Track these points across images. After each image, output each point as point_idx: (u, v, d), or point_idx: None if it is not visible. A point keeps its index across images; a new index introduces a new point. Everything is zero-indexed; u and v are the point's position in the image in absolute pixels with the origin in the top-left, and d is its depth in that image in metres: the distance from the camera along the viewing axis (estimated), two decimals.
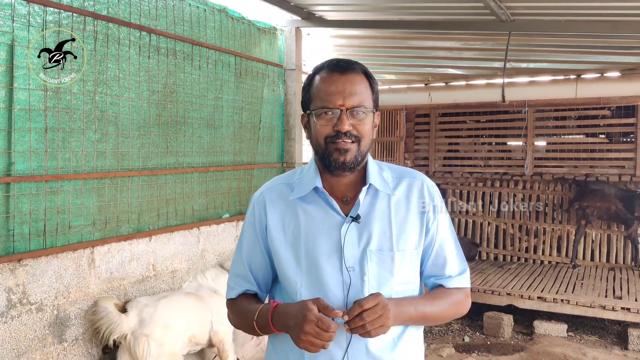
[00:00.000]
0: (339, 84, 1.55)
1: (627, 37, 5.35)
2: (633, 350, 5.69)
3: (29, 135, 3.17)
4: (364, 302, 1.43)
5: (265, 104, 5.44)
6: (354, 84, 1.55)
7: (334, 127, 1.54)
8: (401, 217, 1.62)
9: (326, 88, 1.56)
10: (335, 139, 1.54)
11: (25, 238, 3.17)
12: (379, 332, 1.44)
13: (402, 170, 1.71)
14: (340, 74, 1.56)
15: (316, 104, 1.57)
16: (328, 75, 1.57)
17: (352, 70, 1.57)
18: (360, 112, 1.55)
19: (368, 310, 1.42)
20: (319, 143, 1.58)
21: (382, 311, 1.43)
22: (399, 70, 7.65)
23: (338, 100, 1.53)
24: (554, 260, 8.02)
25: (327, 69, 1.59)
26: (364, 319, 1.41)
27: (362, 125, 1.56)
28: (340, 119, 1.53)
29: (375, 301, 1.43)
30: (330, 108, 1.54)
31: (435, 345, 5.88)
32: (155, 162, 4.12)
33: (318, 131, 1.57)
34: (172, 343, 3.59)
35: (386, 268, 1.58)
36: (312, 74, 1.63)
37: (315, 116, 1.57)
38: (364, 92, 1.57)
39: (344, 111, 1.53)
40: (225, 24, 4.83)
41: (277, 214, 1.65)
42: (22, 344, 3.10)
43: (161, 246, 4.10)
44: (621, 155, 7.83)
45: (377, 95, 1.63)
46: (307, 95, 1.62)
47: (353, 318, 1.42)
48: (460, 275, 1.69)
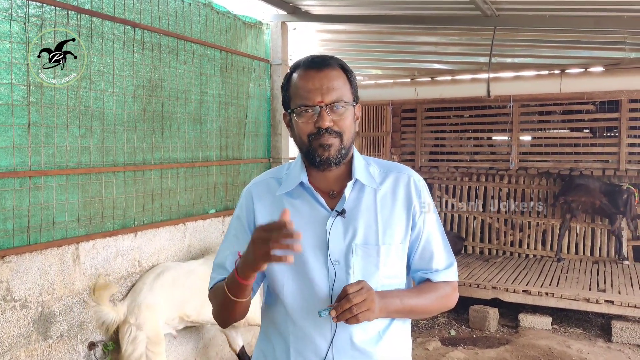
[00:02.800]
0: (316, 80, 1.56)
1: (610, 32, 5.39)
2: (616, 342, 5.77)
3: (11, 130, 3.14)
4: (348, 286, 1.45)
5: (252, 98, 5.42)
6: (331, 80, 1.56)
7: (315, 124, 1.55)
8: (387, 211, 1.63)
9: (304, 86, 1.57)
10: (318, 136, 1.56)
11: (8, 234, 3.14)
12: (366, 316, 1.44)
13: (389, 164, 1.73)
14: (316, 70, 1.57)
15: (296, 103, 1.58)
16: (305, 73, 1.58)
17: (328, 65, 1.58)
18: (339, 107, 1.56)
19: (354, 293, 1.43)
20: (303, 141, 1.59)
21: (367, 294, 1.44)
22: (385, 65, 7.65)
23: (316, 97, 1.54)
24: (538, 254, 8.11)
25: (303, 66, 1.60)
26: (351, 300, 1.41)
27: (343, 119, 1.57)
28: (321, 115, 1.54)
29: (359, 285, 1.45)
30: (310, 105, 1.55)
31: (422, 338, 5.92)
32: (140, 158, 4.08)
33: (300, 129, 1.58)
34: (152, 322, 3.64)
35: (372, 262, 1.59)
36: (289, 73, 1.64)
37: (295, 115, 1.58)
38: (342, 86, 1.58)
39: (324, 107, 1.54)
40: (210, 18, 4.80)
41: (265, 208, 1.66)
42: (6, 341, 3.07)
43: (147, 242, 4.08)
44: (605, 149, 7.94)
45: (355, 88, 1.64)
46: (287, 94, 1.63)
47: (339, 302, 1.43)
48: (448, 269, 1.70)
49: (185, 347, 4.40)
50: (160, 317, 3.71)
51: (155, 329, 3.65)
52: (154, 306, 3.68)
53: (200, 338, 4.61)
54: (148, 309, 3.64)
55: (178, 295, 3.83)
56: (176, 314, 3.84)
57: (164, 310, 3.74)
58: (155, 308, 3.68)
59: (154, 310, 3.67)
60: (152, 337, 3.61)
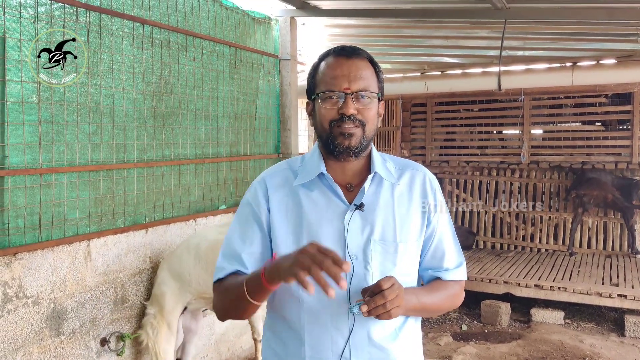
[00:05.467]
0: (344, 67, 1.55)
1: (622, 24, 5.34)
2: (630, 336, 5.72)
3: (22, 128, 3.15)
4: (382, 282, 1.41)
5: (261, 94, 5.41)
6: (359, 69, 1.55)
7: (339, 111, 1.53)
8: (404, 208, 1.62)
9: (332, 72, 1.55)
10: (340, 123, 1.54)
11: (20, 232, 3.15)
12: (397, 312, 1.42)
13: (404, 162, 1.72)
14: (346, 58, 1.56)
15: (321, 88, 1.57)
16: (334, 60, 1.57)
17: (357, 55, 1.58)
18: (365, 97, 1.55)
19: (389, 289, 1.40)
20: (324, 127, 1.57)
21: (399, 291, 1.42)
22: (395, 59, 7.62)
23: (343, 83, 1.53)
24: (551, 248, 8.05)
25: (333, 54, 1.59)
26: (386, 296, 1.38)
27: (367, 110, 1.55)
28: (346, 102, 1.53)
29: (391, 281, 1.42)
30: (336, 91, 1.54)
31: (433, 333, 5.90)
32: (150, 154, 4.09)
33: (323, 115, 1.56)
34: (166, 306, 3.76)
35: (389, 258, 1.57)
36: (318, 61, 1.63)
37: (320, 100, 1.56)
38: (370, 77, 1.57)
39: (350, 95, 1.53)
40: (219, 14, 4.79)
41: (280, 199, 1.62)
42: (19, 338, 3.09)
43: (157, 238, 4.09)
44: (617, 142, 7.85)
45: (382, 84, 1.63)
46: (313, 81, 1.62)
47: (373, 297, 1.39)
48: (458, 268, 1.69)
49: (196, 343, 4.41)
50: (177, 298, 3.79)
51: (168, 312, 3.74)
52: (169, 288, 3.78)
53: (211, 334, 4.62)
54: (162, 295, 3.77)
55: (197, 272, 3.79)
56: (190, 294, 3.84)
57: (177, 291, 3.79)
58: (171, 290, 3.77)
59: (170, 292, 3.77)
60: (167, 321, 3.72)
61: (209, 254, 3.65)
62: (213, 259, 3.46)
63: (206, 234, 3.90)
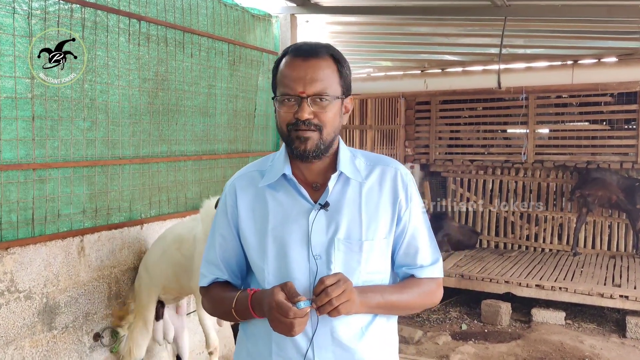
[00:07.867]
0: (300, 70, 1.50)
1: (623, 22, 5.29)
2: (631, 338, 5.67)
3: (15, 123, 3.16)
4: (325, 278, 1.43)
5: (261, 91, 5.41)
6: (316, 70, 1.50)
7: (295, 115, 1.50)
8: (372, 205, 1.59)
9: (288, 74, 1.52)
10: (296, 127, 1.51)
11: (13, 226, 3.17)
12: (347, 307, 1.42)
13: (376, 157, 1.68)
14: (302, 59, 1.52)
15: (279, 90, 1.54)
16: (291, 61, 1.53)
17: (316, 55, 1.52)
18: (322, 100, 1.50)
19: (332, 286, 1.41)
20: (282, 130, 1.56)
21: (345, 286, 1.42)
22: (395, 56, 7.60)
23: (298, 87, 1.49)
24: (554, 248, 8.00)
25: (291, 53, 1.55)
26: (329, 294, 1.39)
27: (324, 113, 1.51)
28: (301, 106, 1.49)
29: (336, 277, 1.43)
30: (291, 95, 1.50)
31: (432, 332, 5.88)
32: (147, 151, 4.10)
33: (280, 118, 1.55)
34: (142, 301, 3.77)
35: (354, 257, 1.55)
36: (279, 58, 1.60)
37: (277, 103, 1.54)
38: (329, 77, 1.52)
39: (305, 98, 1.49)
40: (217, 10, 4.79)
41: (247, 201, 1.63)
42: (11, 332, 3.11)
43: (153, 234, 4.09)
44: (623, 142, 7.77)
45: (346, 80, 1.57)
46: (274, 80, 1.59)
47: (319, 295, 1.40)
48: (433, 265, 1.66)
49: (193, 339, 4.42)
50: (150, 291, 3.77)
51: (141, 304, 3.77)
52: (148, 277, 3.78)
53: None
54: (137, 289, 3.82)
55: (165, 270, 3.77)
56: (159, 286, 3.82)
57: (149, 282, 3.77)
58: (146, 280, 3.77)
59: (145, 282, 3.77)
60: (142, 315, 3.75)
61: (172, 248, 3.65)
62: (175, 254, 3.60)
63: (174, 228, 3.86)
